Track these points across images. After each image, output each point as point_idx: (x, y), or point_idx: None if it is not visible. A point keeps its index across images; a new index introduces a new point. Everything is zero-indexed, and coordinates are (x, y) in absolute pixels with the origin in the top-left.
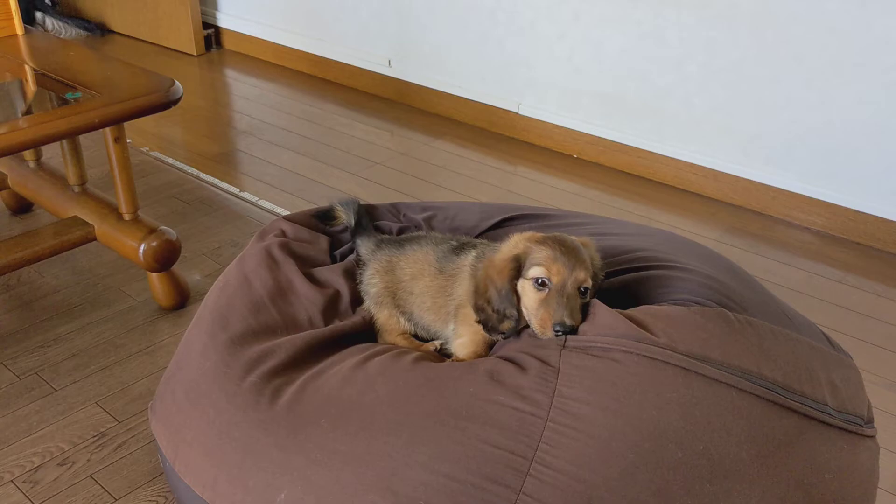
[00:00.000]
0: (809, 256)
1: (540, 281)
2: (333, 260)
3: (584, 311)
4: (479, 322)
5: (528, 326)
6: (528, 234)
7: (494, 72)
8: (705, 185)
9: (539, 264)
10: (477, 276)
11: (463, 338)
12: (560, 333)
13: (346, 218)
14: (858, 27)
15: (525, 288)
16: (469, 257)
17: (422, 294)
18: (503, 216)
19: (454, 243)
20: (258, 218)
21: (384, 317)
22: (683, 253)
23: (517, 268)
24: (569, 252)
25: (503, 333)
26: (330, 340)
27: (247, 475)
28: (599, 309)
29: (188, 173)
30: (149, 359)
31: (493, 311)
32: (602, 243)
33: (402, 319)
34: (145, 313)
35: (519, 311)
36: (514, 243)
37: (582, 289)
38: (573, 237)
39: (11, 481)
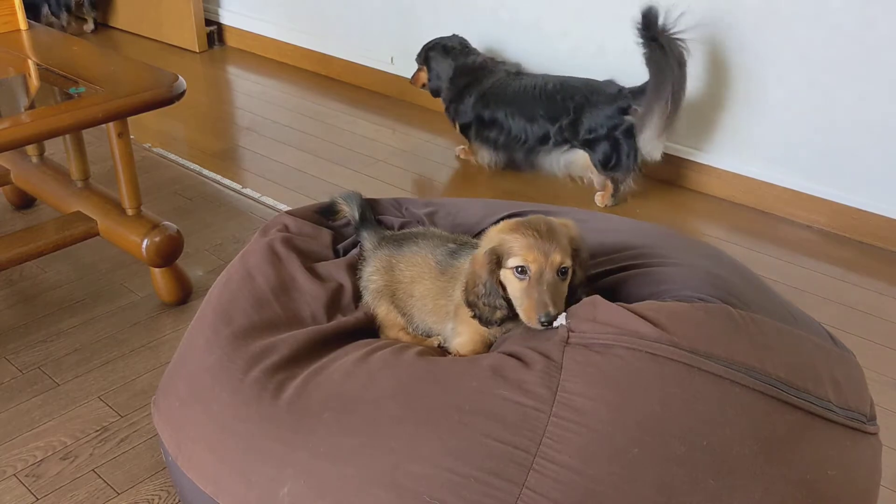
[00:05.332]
0: (812, 255)
1: (519, 269)
2: (336, 254)
3: (573, 294)
4: (474, 317)
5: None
6: (502, 224)
7: None
8: (708, 184)
9: (515, 254)
10: (466, 276)
11: (462, 336)
12: (545, 322)
13: (348, 211)
14: (862, 26)
15: (507, 277)
16: (468, 259)
17: (423, 297)
18: (505, 213)
19: (452, 245)
20: (260, 214)
21: (383, 312)
22: (686, 250)
23: (496, 260)
24: (543, 236)
25: (497, 323)
26: (332, 336)
27: (250, 469)
28: (602, 304)
29: (191, 170)
30: (151, 354)
31: (483, 304)
32: (604, 239)
33: (400, 315)
34: (148, 309)
35: (508, 300)
36: (490, 237)
37: (561, 270)
38: (551, 218)
39: (14, 475)
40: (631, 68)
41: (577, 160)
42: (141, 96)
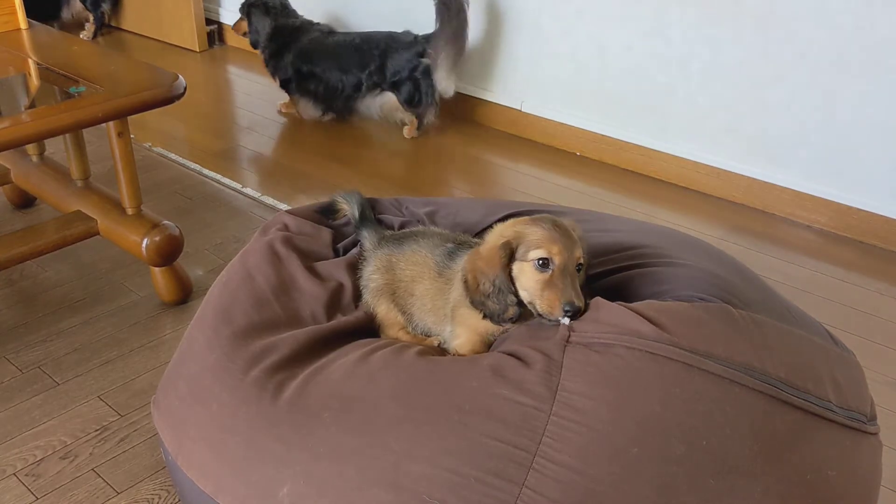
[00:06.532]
0: (812, 255)
1: (542, 262)
2: (336, 253)
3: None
4: (484, 317)
5: (532, 314)
6: (512, 220)
7: (497, 69)
8: (708, 184)
9: (539, 246)
10: (464, 275)
11: (461, 339)
12: (570, 313)
13: (348, 210)
14: (863, 25)
15: (524, 270)
16: (463, 261)
17: (422, 297)
18: (506, 213)
19: (450, 246)
20: (260, 213)
21: (383, 311)
22: (686, 249)
23: (509, 254)
24: (564, 231)
25: (511, 320)
26: (332, 335)
27: (249, 469)
28: (603, 304)
29: (191, 169)
30: (151, 353)
31: (493, 302)
32: (605, 240)
33: (400, 315)
34: (148, 308)
35: (517, 296)
36: (501, 231)
37: (578, 266)
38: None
39: (14, 474)
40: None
41: (388, 101)
42: (141, 96)
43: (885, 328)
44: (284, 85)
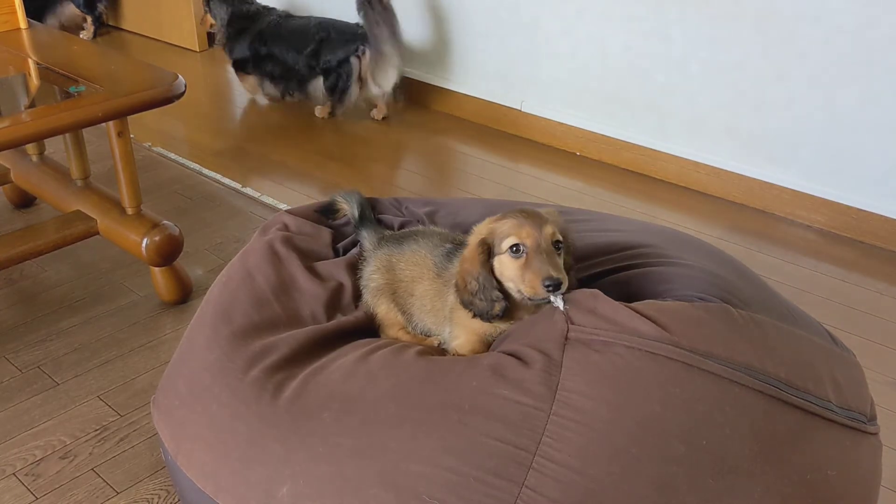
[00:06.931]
0: (812, 255)
1: (514, 248)
2: (336, 253)
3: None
4: (474, 316)
5: (521, 308)
6: (488, 219)
7: (497, 69)
8: (708, 183)
9: (508, 234)
10: (455, 278)
11: (459, 339)
12: (551, 288)
13: (348, 210)
14: (863, 25)
15: (503, 262)
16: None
17: (422, 297)
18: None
19: (449, 246)
20: (260, 213)
21: (383, 311)
22: (686, 249)
23: (487, 251)
24: (531, 215)
25: (499, 315)
26: (332, 335)
27: (249, 469)
28: (603, 302)
29: (191, 169)
30: (151, 353)
31: (479, 300)
32: (605, 239)
33: (400, 314)
34: (148, 308)
35: (504, 292)
36: (478, 232)
37: (556, 243)
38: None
39: (13, 474)
40: None
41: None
42: (141, 95)
43: (885, 328)
44: (239, 65)
